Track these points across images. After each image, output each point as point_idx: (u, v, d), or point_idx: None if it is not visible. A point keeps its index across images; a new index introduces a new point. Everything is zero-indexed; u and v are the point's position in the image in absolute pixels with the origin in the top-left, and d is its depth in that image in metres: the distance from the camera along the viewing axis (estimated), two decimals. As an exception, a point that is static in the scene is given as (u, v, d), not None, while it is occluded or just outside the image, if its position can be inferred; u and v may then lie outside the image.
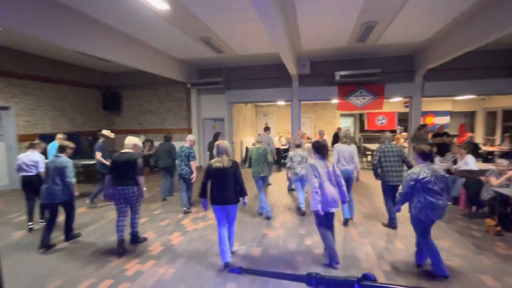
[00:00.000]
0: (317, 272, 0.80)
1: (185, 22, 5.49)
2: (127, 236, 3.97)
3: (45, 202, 4.01)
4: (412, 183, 3.12)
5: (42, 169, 4.75)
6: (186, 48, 7.34)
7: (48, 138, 6.26)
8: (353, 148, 4.85)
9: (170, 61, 8.15)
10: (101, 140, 6.04)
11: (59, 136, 6.34)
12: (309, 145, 5.63)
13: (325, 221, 3.39)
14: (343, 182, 3.44)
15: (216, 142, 3.53)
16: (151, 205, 5.89)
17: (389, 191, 4.47)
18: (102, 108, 10.24)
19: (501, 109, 10.32)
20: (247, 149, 10.46)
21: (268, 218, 5.00)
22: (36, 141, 5.19)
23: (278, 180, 7.99)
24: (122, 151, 3.91)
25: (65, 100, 8.77)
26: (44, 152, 5.43)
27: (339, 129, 9.69)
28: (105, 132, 6.24)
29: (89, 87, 9.70)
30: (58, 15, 4.65)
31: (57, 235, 4.26)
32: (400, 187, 3.29)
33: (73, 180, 4.02)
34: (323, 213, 3.25)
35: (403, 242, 4.00)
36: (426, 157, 3.18)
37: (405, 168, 4.39)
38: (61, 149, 4.15)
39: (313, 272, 0.80)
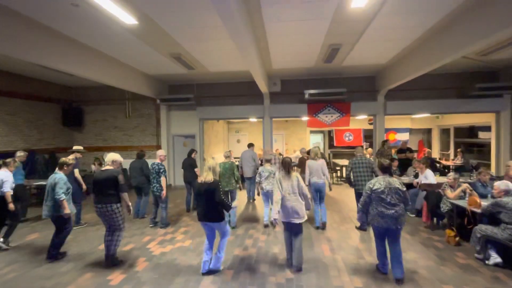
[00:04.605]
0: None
1: (155, 38, 5.40)
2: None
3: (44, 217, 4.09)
4: (368, 193, 3.45)
5: (6, 190, 4.49)
6: (156, 64, 7.19)
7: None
8: (321, 162, 5.38)
9: (139, 76, 7.91)
10: (71, 157, 5.52)
11: (19, 153, 5.65)
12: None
13: (288, 229, 3.78)
14: (308, 194, 3.73)
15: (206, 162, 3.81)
16: (113, 228, 5.45)
17: (358, 197, 5.17)
18: (61, 124, 9.53)
19: (453, 126, 11.32)
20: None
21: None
22: (9, 159, 4.82)
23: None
24: (102, 168, 3.92)
25: (18, 115, 8.04)
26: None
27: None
28: (77, 147, 5.83)
29: (47, 101, 9.01)
30: (11, 24, 4.32)
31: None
32: (362, 197, 3.60)
33: (61, 196, 3.91)
34: (276, 221, 3.59)
35: (374, 256, 4.07)
36: (385, 170, 3.51)
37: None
38: (59, 166, 4.16)
39: None
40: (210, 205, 3.41)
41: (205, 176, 3.48)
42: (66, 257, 4.16)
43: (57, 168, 4.14)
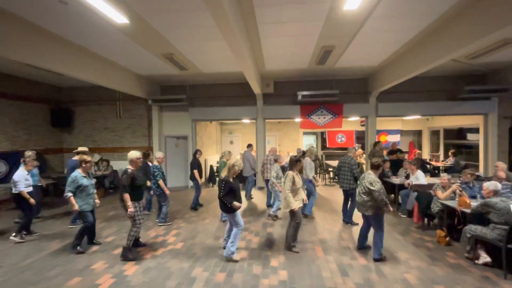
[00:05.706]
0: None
1: (147, 37, 5.32)
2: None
3: None
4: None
5: (23, 188, 4.69)
6: (147, 64, 7.10)
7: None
8: (306, 161, 5.86)
9: (130, 76, 7.79)
10: (77, 158, 5.29)
11: (28, 153, 5.34)
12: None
13: None
14: (303, 193, 4.38)
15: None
16: (104, 231, 5.33)
17: (343, 194, 5.67)
18: (50, 125, 9.30)
19: (442, 128, 11.52)
20: (211, 167, 10.20)
21: None
22: (28, 159, 4.90)
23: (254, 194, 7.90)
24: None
25: (4, 115, 7.81)
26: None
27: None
28: (82, 148, 5.75)
29: (35, 102, 8.79)
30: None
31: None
32: None
33: (67, 194, 4.14)
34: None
35: (367, 258, 4.09)
36: (373, 167, 4.16)
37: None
38: (79, 164, 4.35)
39: None
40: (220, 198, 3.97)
41: (221, 172, 4.07)
42: (54, 261, 4.05)
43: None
